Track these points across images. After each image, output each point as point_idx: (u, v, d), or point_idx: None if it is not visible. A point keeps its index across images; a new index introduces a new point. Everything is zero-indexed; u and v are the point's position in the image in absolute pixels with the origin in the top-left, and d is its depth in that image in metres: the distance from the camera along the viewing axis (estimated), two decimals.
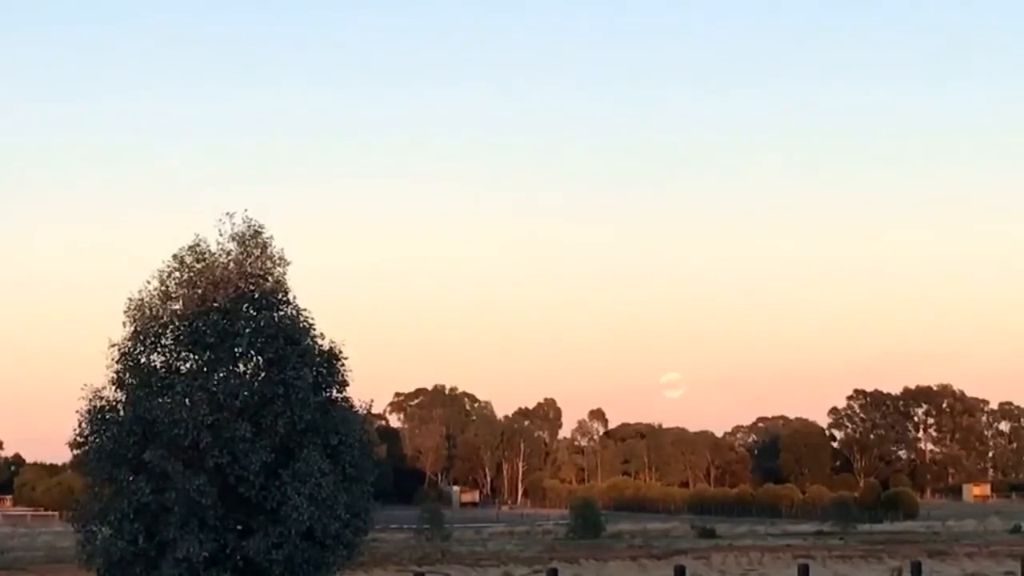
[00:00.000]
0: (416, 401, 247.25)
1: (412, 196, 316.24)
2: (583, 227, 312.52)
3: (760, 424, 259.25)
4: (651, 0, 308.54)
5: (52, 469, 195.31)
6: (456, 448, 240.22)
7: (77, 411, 28.34)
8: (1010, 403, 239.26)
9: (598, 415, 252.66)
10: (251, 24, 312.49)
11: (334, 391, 29.17)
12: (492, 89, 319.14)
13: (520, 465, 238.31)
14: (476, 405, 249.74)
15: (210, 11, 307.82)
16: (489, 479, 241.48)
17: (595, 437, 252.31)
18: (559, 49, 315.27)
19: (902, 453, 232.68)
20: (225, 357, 28.16)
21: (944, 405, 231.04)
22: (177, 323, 28.15)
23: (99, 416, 28.11)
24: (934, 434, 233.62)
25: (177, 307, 28.49)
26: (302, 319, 28.90)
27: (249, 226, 28.95)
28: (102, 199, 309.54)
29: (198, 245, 28.81)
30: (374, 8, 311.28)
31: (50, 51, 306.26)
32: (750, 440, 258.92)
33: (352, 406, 29.52)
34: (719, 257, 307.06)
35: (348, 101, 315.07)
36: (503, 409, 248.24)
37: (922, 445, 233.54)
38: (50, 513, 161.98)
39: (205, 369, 28.15)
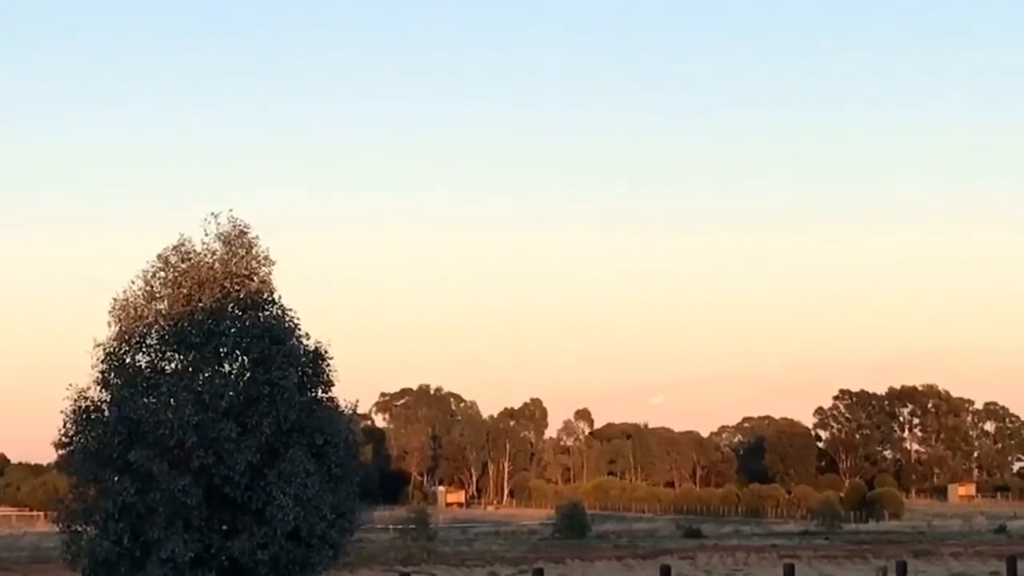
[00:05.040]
0: (401, 401, 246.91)
1: (400, 198, 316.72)
2: (570, 229, 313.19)
3: (745, 424, 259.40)
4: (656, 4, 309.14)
5: (37, 469, 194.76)
6: (441, 448, 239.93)
7: (62, 411, 28.22)
8: (995, 403, 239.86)
9: (584, 415, 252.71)
10: (246, 27, 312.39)
11: (319, 391, 29.08)
12: (486, 91, 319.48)
13: (506, 465, 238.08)
14: (461, 405, 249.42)
15: (207, 14, 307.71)
16: (475, 479, 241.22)
17: (581, 437, 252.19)
18: (552, 52, 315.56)
19: (887, 453, 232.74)
20: (210, 357, 28.08)
21: (929, 405, 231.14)
22: (162, 323, 28.05)
23: (84, 416, 28.00)
24: (919, 434, 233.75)
25: (162, 307, 28.39)
26: (287, 319, 28.81)
27: (234, 226, 28.84)
28: (90, 199, 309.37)
29: (183, 245, 28.70)
30: (371, 14, 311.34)
31: (46, 52, 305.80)
32: (735, 440, 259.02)
33: (338, 406, 29.43)
34: (707, 259, 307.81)
35: (338, 104, 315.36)
36: (488, 409, 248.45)
37: (907, 445, 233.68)
38: (35, 513, 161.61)
39: (190, 369, 28.06)
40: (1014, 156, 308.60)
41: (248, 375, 28.15)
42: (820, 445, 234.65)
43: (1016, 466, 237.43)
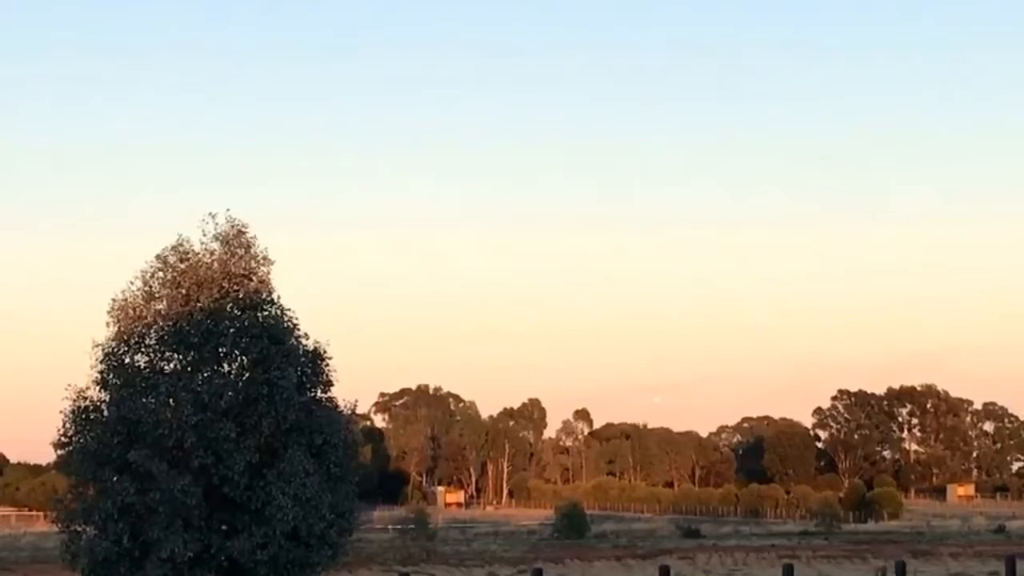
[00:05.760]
0: (401, 401, 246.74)
1: (398, 198, 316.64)
2: (568, 231, 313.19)
3: (745, 424, 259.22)
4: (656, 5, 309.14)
5: (36, 469, 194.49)
6: (441, 448, 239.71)
7: (61, 411, 28.24)
8: (994, 403, 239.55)
9: (583, 415, 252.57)
10: (246, 27, 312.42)
11: (318, 391, 29.08)
12: (485, 92, 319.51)
13: (505, 465, 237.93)
14: (461, 405, 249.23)
15: (206, 13, 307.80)
16: (474, 479, 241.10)
17: (580, 437, 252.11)
18: (550, 54, 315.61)
19: (886, 453, 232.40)
20: (209, 357, 28.08)
21: (928, 405, 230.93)
22: (161, 323, 28.05)
23: (83, 416, 28.01)
24: (918, 434, 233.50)
25: (161, 307, 28.38)
26: (286, 319, 28.80)
27: (232, 226, 28.84)
28: (89, 199, 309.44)
29: (181, 245, 28.70)
30: (370, 15, 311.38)
31: (46, 52, 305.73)
32: (735, 440, 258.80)
33: (336, 406, 29.43)
34: (705, 260, 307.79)
35: (339, 104, 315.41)
36: (488, 409, 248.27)
37: (906, 445, 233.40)
38: (34, 513, 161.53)
39: (189, 369, 28.06)
40: (1013, 157, 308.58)
41: (247, 375, 28.16)
42: (819, 445, 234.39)
43: (1015, 466, 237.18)
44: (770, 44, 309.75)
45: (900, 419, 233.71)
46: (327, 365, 29.17)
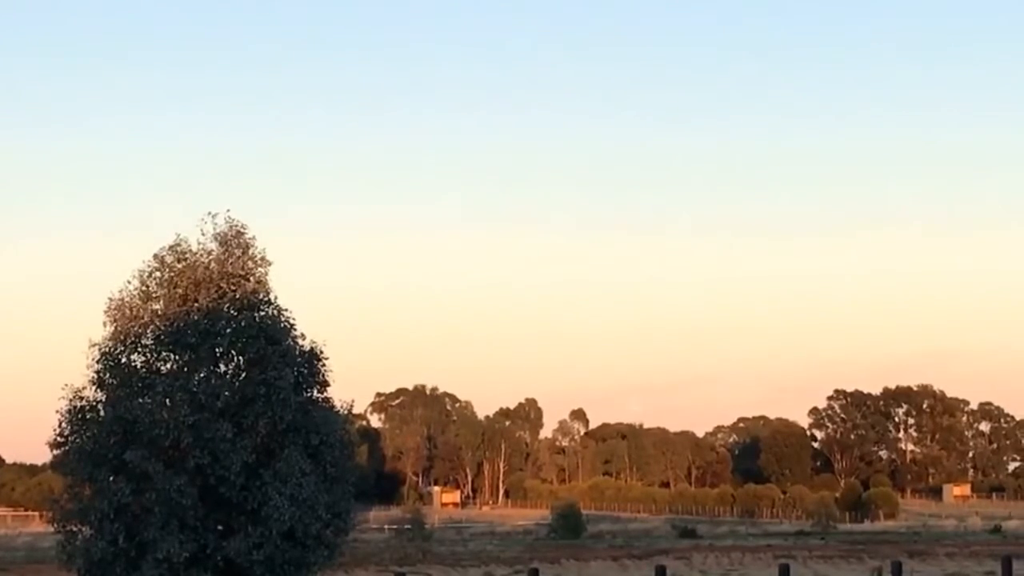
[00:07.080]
0: (397, 401, 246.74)
1: (394, 199, 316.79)
2: (564, 231, 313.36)
3: (741, 424, 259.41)
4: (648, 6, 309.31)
5: (32, 469, 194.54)
6: (437, 448, 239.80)
7: (57, 411, 28.21)
8: (990, 403, 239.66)
9: (579, 415, 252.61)
10: (246, 29, 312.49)
11: (315, 391, 29.07)
12: (482, 96, 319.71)
13: (501, 465, 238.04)
14: (457, 405, 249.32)
15: (206, 14, 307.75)
16: (470, 479, 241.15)
17: (576, 437, 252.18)
18: (551, 57, 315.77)
19: (883, 453, 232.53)
20: (206, 357, 28.06)
21: (924, 405, 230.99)
22: (158, 323, 28.02)
23: (79, 416, 27.98)
24: (915, 434, 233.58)
25: (158, 307, 28.36)
26: (283, 319, 28.80)
27: (231, 226, 28.84)
28: (86, 199, 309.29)
29: (179, 245, 28.68)
30: (371, 20, 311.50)
31: (45, 52, 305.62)
32: (731, 440, 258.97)
33: (333, 406, 29.44)
34: (702, 260, 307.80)
35: (338, 107, 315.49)
36: (484, 409, 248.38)
37: (903, 445, 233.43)
38: (30, 513, 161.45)
39: (186, 369, 28.04)
40: (1011, 160, 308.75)
41: (244, 375, 28.15)
42: (815, 445, 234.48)
43: (1011, 466, 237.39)
44: (773, 43, 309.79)
45: (896, 419, 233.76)
46: (323, 365, 29.17)
